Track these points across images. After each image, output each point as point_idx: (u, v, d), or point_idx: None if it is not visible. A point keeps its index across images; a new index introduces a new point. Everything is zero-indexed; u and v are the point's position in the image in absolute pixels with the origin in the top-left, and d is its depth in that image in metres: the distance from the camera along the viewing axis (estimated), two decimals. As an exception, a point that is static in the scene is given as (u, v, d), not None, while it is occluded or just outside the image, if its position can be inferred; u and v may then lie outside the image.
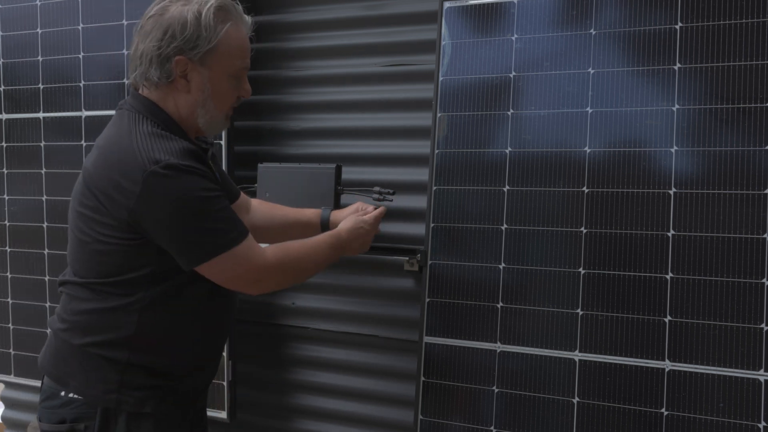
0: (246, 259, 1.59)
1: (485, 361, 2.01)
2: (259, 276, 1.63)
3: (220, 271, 1.58)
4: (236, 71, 1.63)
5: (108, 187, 1.52)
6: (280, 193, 2.33)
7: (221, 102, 1.64)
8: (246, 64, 1.65)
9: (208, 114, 1.63)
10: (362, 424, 2.47)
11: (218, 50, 1.58)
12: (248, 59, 1.66)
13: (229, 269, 1.58)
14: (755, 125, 1.76)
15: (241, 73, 1.66)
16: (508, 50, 2.05)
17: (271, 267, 1.64)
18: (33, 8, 2.76)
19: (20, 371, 2.81)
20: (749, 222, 1.75)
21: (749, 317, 1.73)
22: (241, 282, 1.63)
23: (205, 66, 1.59)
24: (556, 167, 1.96)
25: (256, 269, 1.61)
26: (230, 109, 1.69)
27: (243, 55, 1.63)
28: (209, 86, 1.61)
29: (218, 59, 1.59)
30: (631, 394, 1.84)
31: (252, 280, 1.63)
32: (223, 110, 1.66)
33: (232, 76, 1.63)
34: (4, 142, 2.84)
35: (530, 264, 1.97)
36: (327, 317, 2.50)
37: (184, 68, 1.58)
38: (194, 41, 1.56)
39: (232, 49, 1.60)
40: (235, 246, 1.56)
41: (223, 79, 1.61)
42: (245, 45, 1.64)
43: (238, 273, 1.60)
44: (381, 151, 2.41)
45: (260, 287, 1.67)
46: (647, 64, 1.88)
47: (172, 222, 1.51)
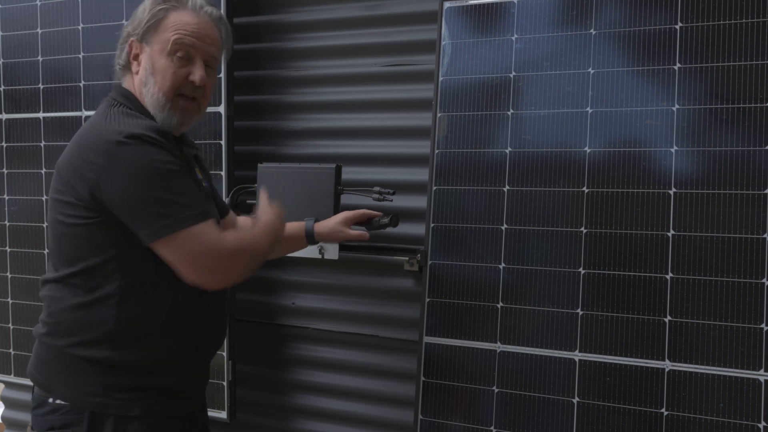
0: (204, 242, 1.50)
1: (485, 361, 2.01)
2: (215, 263, 1.53)
3: (176, 251, 1.51)
4: (173, 47, 1.61)
5: (76, 166, 1.54)
6: (280, 193, 2.33)
7: (161, 79, 1.62)
8: (188, 41, 1.62)
9: (150, 93, 1.63)
10: (362, 424, 2.47)
11: (157, 28, 1.63)
12: (192, 39, 1.63)
13: (185, 250, 1.50)
14: (755, 125, 1.76)
15: (186, 52, 1.63)
16: (508, 50, 2.05)
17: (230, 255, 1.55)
18: (33, 8, 2.76)
19: (20, 371, 2.81)
20: (749, 222, 1.75)
21: (749, 317, 1.73)
22: (196, 268, 1.53)
23: (148, 44, 1.64)
24: (556, 167, 1.96)
25: (213, 255, 1.52)
26: (179, 96, 1.64)
27: (179, 31, 1.62)
28: (150, 63, 1.63)
29: (155, 36, 1.63)
30: (631, 394, 1.84)
31: (208, 267, 1.53)
32: (164, 91, 1.62)
33: (171, 52, 1.61)
34: (4, 142, 2.84)
35: (530, 264, 1.97)
36: (327, 317, 2.50)
37: (135, 50, 1.66)
38: (140, 23, 1.64)
39: (171, 26, 1.62)
40: (194, 224, 1.49)
41: (161, 55, 1.62)
42: (189, 24, 1.63)
43: (194, 256, 1.51)
44: (381, 151, 2.41)
45: (216, 279, 1.56)
46: (647, 64, 1.88)
47: (132, 191, 1.49)
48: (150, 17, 1.63)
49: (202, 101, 1.69)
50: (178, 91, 1.63)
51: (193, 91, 1.65)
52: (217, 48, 1.69)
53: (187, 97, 1.65)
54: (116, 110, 1.61)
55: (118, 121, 1.55)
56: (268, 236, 1.68)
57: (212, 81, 1.70)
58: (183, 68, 1.63)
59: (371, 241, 2.37)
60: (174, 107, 1.64)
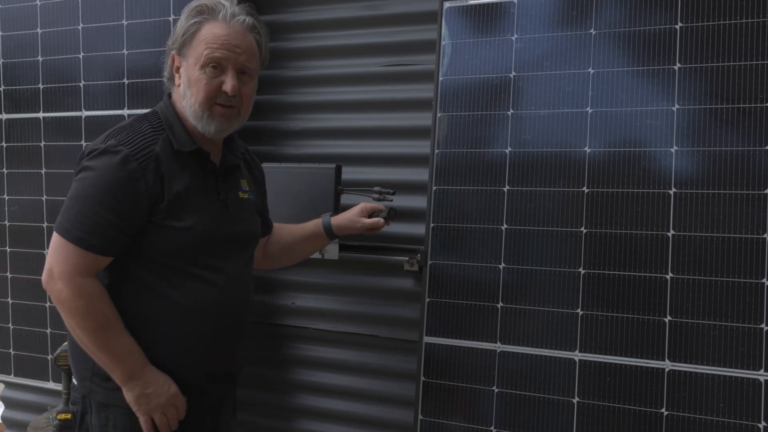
0: (60, 258, 1.61)
1: (485, 361, 2.01)
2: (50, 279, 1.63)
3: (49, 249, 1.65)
4: (205, 60, 1.68)
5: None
6: (280, 193, 2.33)
7: (197, 91, 1.69)
8: (219, 54, 1.68)
9: (189, 105, 1.71)
10: (362, 424, 2.47)
11: (191, 42, 1.70)
12: (224, 51, 1.69)
13: (50, 252, 1.64)
14: (755, 125, 1.76)
15: (218, 64, 1.69)
16: (508, 50, 2.05)
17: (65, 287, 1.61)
18: (33, 8, 2.75)
19: (20, 371, 2.81)
20: (749, 222, 1.75)
21: (749, 317, 1.73)
22: (44, 272, 1.64)
23: (185, 57, 1.72)
24: (556, 167, 1.96)
25: (56, 272, 1.61)
26: (214, 105, 1.71)
27: (210, 45, 1.68)
28: (186, 75, 1.71)
29: (191, 49, 1.70)
30: (631, 394, 1.84)
31: (46, 277, 1.64)
32: (200, 101, 1.69)
33: (204, 65, 1.68)
34: (4, 142, 2.84)
35: (530, 264, 1.97)
36: (327, 317, 2.50)
37: (176, 63, 1.75)
38: (177, 36, 1.73)
39: (204, 39, 1.69)
40: (70, 240, 1.60)
41: (195, 69, 1.69)
42: (220, 37, 1.69)
43: (48, 261, 1.63)
44: (381, 151, 2.41)
45: (50, 289, 1.64)
46: (647, 64, 1.88)
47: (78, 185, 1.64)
48: (184, 31, 1.71)
49: (241, 107, 1.75)
50: (213, 101, 1.70)
51: (227, 100, 1.71)
52: (249, 56, 1.73)
53: (223, 105, 1.71)
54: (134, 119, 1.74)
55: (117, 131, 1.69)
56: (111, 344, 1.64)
57: (248, 87, 1.75)
58: (216, 79, 1.69)
59: (371, 240, 2.37)
60: (212, 115, 1.71)
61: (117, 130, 1.68)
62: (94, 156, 1.63)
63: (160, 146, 1.67)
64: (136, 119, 1.73)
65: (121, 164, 1.61)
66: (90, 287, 1.61)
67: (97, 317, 1.62)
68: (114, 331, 1.63)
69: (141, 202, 1.62)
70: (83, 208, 1.61)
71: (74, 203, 1.62)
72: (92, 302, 1.61)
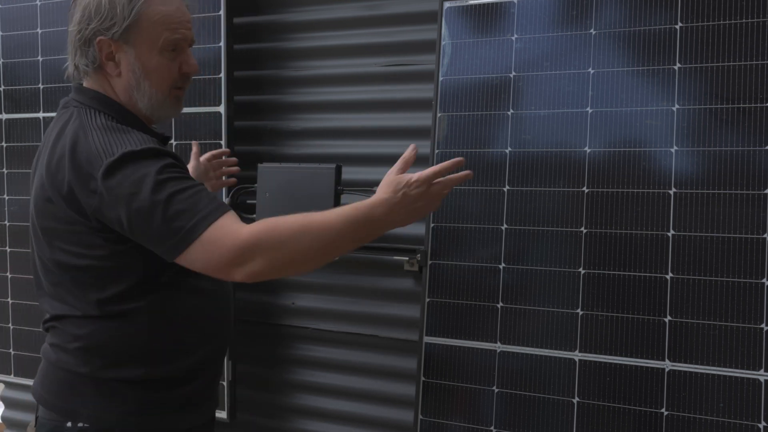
0: (217, 246, 1.38)
1: (485, 361, 2.01)
2: (236, 259, 1.39)
3: (196, 260, 1.41)
4: (166, 44, 1.51)
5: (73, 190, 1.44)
6: (280, 193, 2.33)
7: (158, 80, 1.53)
8: (179, 35, 1.53)
9: (146, 96, 1.53)
10: (362, 424, 2.47)
11: (140, 24, 1.49)
12: (182, 30, 1.54)
13: (203, 258, 1.40)
14: (755, 125, 1.76)
15: (177, 45, 1.54)
16: (508, 50, 2.05)
17: (248, 246, 1.39)
18: (33, 8, 2.76)
19: (20, 371, 2.81)
20: (749, 222, 1.75)
21: (749, 317, 1.73)
22: (221, 268, 1.41)
23: (130, 44, 1.50)
24: (556, 167, 1.96)
25: (230, 252, 1.39)
26: (175, 89, 1.57)
27: (172, 26, 1.51)
28: (138, 65, 1.51)
29: (141, 34, 1.49)
30: (631, 394, 1.84)
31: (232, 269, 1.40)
32: (163, 89, 1.54)
33: (163, 49, 1.52)
34: (4, 142, 2.84)
35: (530, 264, 1.97)
36: (327, 317, 2.50)
37: (109, 50, 1.50)
38: (110, 19, 1.48)
39: (157, 21, 1.50)
40: (207, 227, 1.38)
41: (152, 54, 1.51)
42: (174, 15, 1.52)
43: (213, 259, 1.40)
44: (381, 151, 2.41)
45: (243, 272, 1.40)
46: (647, 64, 1.88)
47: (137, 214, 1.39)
48: (127, 14, 1.48)
49: (186, 86, 1.62)
50: (175, 85, 1.57)
51: (187, 82, 1.59)
52: (192, 26, 1.59)
53: (180, 87, 1.59)
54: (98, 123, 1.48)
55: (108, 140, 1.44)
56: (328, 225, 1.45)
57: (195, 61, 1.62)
58: (174, 62, 1.55)
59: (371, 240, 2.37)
60: (171, 100, 1.57)
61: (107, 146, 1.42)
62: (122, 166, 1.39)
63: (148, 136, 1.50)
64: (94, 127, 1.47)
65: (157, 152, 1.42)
66: (255, 224, 1.41)
67: (296, 226, 1.42)
68: (319, 221, 1.44)
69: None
70: (178, 198, 1.38)
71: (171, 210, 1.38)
72: (277, 229, 1.41)
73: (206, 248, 1.39)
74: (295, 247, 1.42)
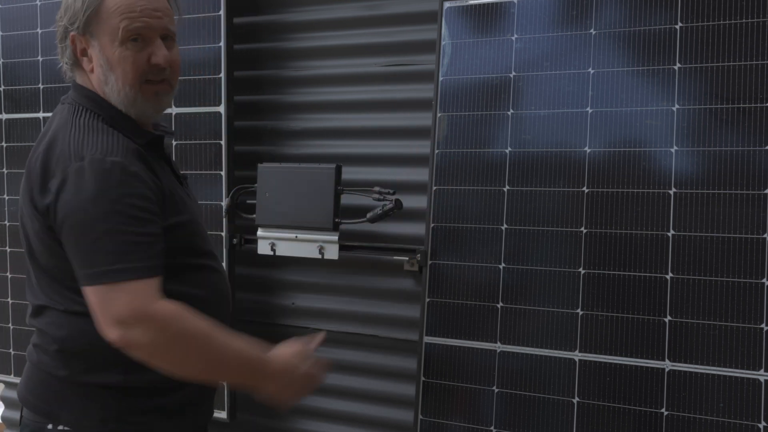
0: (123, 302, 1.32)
1: (485, 361, 2.01)
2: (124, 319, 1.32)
3: (93, 302, 1.35)
4: (126, 34, 1.43)
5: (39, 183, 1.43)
6: (280, 193, 2.33)
7: (122, 73, 1.45)
8: (141, 23, 1.44)
9: (114, 91, 1.46)
10: (362, 424, 2.47)
11: (99, 16, 1.44)
12: (145, 18, 1.44)
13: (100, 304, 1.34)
14: (755, 125, 1.76)
15: (142, 35, 1.45)
16: (508, 50, 2.05)
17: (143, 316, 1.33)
18: (33, 8, 2.75)
19: (20, 371, 2.81)
20: (749, 222, 1.75)
21: (749, 317, 1.73)
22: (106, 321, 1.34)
23: (94, 37, 1.45)
24: (556, 167, 1.96)
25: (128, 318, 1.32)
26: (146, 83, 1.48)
27: (128, 15, 1.43)
28: (104, 58, 1.45)
29: (101, 26, 1.44)
30: (631, 394, 1.84)
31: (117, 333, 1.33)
32: (129, 82, 1.45)
33: (124, 40, 1.43)
34: (4, 142, 2.84)
35: (530, 264, 1.97)
36: (327, 317, 2.50)
37: (81, 45, 1.48)
38: (74, 14, 1.46)
39: (115, 11, 1.43)
40: (127, 279, 1.32)
41: (113, 46, 1.44)
42: (134, 3, 1.44)
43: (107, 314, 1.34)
44: (381, 151, 2.41)
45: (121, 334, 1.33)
46: (647, 64, 1.88)
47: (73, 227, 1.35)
48: (86, 6, 1.43)
49: (173, 79, 1.52)
50: (144, 78, 1.47)
51: (160, 74, 1.48)
52: (170, 18, 1.50)
53: (154, 80, 1.49)
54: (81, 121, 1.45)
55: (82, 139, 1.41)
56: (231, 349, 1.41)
57: (175, 53, 1.52)
58: (141, 53, 1.45)
59: (371, 241, 2.37)
60: (145, 95, 1.48)
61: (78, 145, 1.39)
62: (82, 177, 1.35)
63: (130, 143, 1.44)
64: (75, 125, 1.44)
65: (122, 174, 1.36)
66: (168, 307, 1.35)
67: (196, 338, 1.37)
68: (220, 341, 1.39)
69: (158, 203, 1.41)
70: (116, 239, 1.33)
71: (100, 243, 1.33)
72: (182, 326, 1.35)
73: (107, 296, 1.34)
74: (181, 347, 1.38)
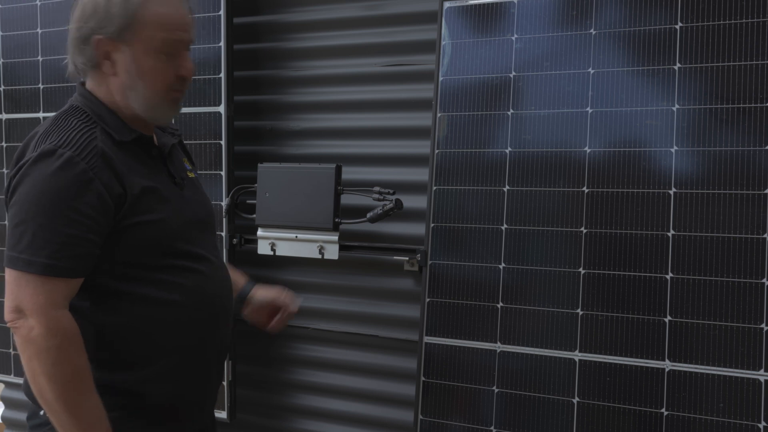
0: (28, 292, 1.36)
1: (485, 361, 2.01)
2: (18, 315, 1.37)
3: (7, 283, 1.39)
4: (162, 46, 1.48)
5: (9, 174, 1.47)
6: (280, 193, 2.33)
7: (152, 82, 1.49)
8: (176, 37, 1.49)
9: (140, 97, 1.50)
10: (362, 424, 2.47)
11: (137, 24, 1.46)
12: (179, 32, 1.50)
13: (11, 289, 1.38)
14: (755, 125, 1.76)
15: (174, 48, 1.50)
16: (508, 50, 2.05)
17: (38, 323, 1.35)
18: (33, 8, 2.75)
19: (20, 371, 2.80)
20: (749, 222, 1.75)
21: (749, 317, 1.73)
22: (8, 310, 1.39)
23: (126, 43, 1.46)
24: (556, 167, 1.96)
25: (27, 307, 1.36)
26: (171, 91, 1.53)
27: (169, 28, 1.48)
28: (134, 65, 1.48)
29: (138, 34, 1.46)
30: (631, 394, 1.84)
31: (12, 315, 1.38)
32: (157, 91, 1.50)
33: (159, 51, 1.48)
34: (4, 142, 2.84)
35: (530, 264, 1.97)
36: (327, 317, 2.50)
37: (106, 48, 1.47)
38: (107, 18, 1.45)
39: (153, 22, 1.47)
40: (35, 272, 1.35)
41: (149, 55, 1.47)
42: (172, 17, 1.49)
43: (12, 298, 1.38)
44: (381, 151, 2.41)
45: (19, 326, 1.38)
46: (647, 64, 1.88)
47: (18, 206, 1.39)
48: (123, 13, 1.45)
49: (185, 88, 1.58)
50: (171, 88, 1.52)
51: (183, 85, 1.54)
52: (193, 30, 1.56)
53: (177, 90, 1.54)
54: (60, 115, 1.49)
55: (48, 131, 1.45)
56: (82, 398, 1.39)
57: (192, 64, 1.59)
58: (171, 64, 1.50)
59: (371, 241, 2.37)
60: (168, 103, 1.53)
61: (44, 135, 1.43)
62: (30, 166, 1.38)
63: (100, 140, 1.44)
64: (57, 119, 1.48)
65: (67, 168, 1.38)
66: (67, 322, 1.38)
67: (69, 365, 1.37)
68: (86, 386, 1.39)
69: (104, 205, 1.40)
70: (39, 231, 1.36)
71: (24, 228, 1.36)
72: (67, 344, 1.37)
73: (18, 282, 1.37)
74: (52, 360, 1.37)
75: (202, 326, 1.57)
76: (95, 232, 1.40)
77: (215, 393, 1.69)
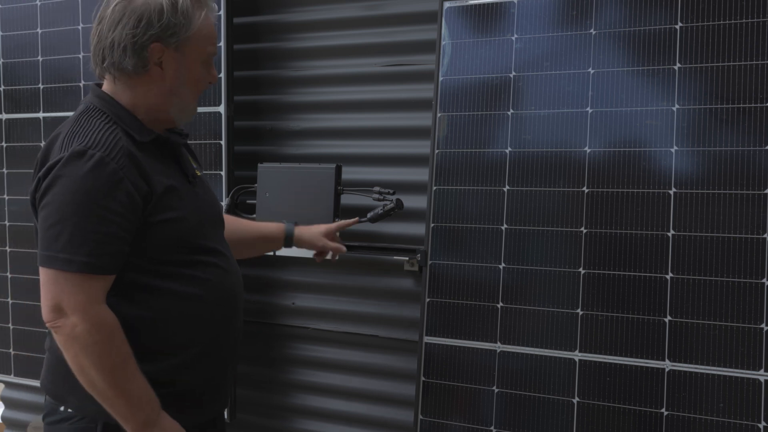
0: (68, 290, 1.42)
1: (485, 361, 2.01)
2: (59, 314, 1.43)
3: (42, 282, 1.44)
4: (207, 57, 1.63)
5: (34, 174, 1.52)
6: (280, 193, 2.33)
7: (195, 88, 1.64)
8: (215, 49, 1.66)
9: (182, 101, 1.62)
10: (362, 424, 2.47)
11: (194, 37, 1.58)
12: (216, 45, 1.66)
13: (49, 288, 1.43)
14: (755, 125, 1.76)
15: (210, 58, 1.66)
16: (508, 50, 2.05)
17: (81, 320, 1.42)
18: (33, 8, 2.75)
19: (20, 371, 2.81)
20: (749, 222, 1.75)
21: (749, 317, 1.73)
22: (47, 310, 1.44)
23: (180, 52, 1.57)
24: (556, 167, 1.96)
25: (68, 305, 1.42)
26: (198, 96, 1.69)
27: (214, 42, 1.64)
28: (185, 73, 1.59)
29: (194, 46, 1.58)
30: (631, 394, 1.84)
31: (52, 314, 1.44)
32: (195, 97, 1.66)
33: (204, 62, 1.62)
34: (4, 142, 2.84)
35: (530, 264, 1.97)
36: (327, 317, 2.50)
37: (160, 56, 1.56)
38: (172, 28, 1.54)
39: (206, 35, 1.60)
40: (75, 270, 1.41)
41: (197, 65, 1.61)
42: (213, 30, 1.64)
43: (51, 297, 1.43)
44: (381, 151, 2.41)
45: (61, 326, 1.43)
46: (647, 64, 1.88)
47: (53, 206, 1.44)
48: (186, 25, 1.55)
49: None
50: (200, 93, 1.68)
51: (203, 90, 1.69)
52: None
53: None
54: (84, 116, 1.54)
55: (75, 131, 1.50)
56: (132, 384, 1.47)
57: None
58: (207, 72, 1.65)
59: (371, 241, 2.37)
60: (195, 105, 1.68)
61: (70, 136, 1.49)
62: (62, 167, 1.44)
63: (124, 141, 1.51)
64: (78, 119, 1.54)
65: (99, 168, 1.43)
66: (109, 317, 1.45)
67: (117, 354, 1.44)
68: (132, 370, 1.47)
69: (133, 204, 1.46)
70: (75, 230, 1.41)
71: (61, 228, 1.42)
72: (112, 335, 1.44)
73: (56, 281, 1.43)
74: (97, 354, 1.44)
75: (223, 318, 1.66)
76: (127, 230, 1.47)
77: (233, 377, 1.78)
